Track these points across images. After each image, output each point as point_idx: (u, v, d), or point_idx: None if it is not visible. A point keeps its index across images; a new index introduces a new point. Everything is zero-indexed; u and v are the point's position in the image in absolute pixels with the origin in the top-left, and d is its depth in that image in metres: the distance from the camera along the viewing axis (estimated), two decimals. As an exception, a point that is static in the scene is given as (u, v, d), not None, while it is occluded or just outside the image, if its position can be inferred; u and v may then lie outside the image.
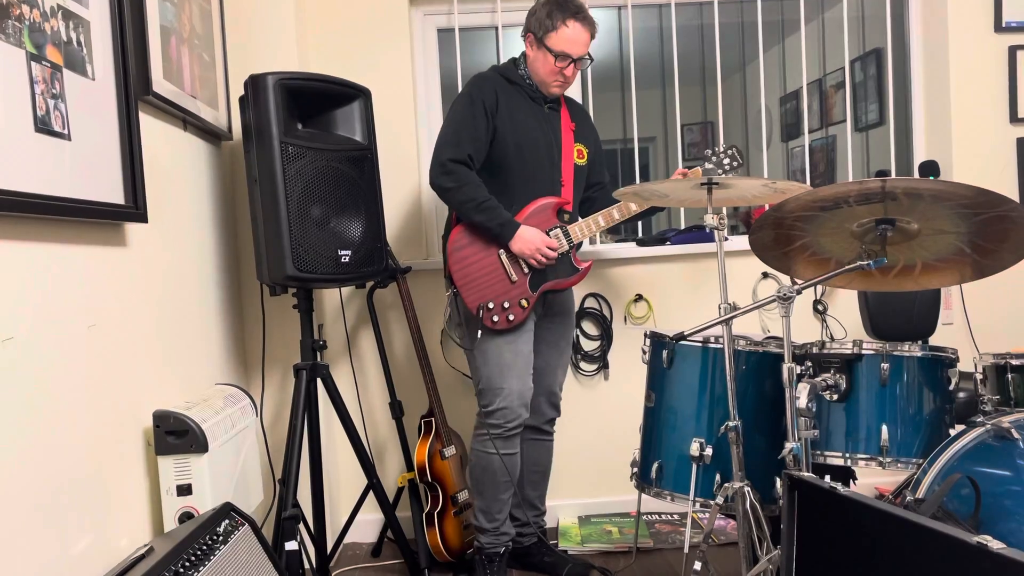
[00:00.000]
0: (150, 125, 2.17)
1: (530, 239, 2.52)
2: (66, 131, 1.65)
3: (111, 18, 1.88)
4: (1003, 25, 3.27)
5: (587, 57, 2.58)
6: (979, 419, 1.98)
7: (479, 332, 2.55)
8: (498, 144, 2.56)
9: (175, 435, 1.99)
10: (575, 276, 2.64)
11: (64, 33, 1.66)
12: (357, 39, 3.19)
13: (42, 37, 1.58)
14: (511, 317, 2.54)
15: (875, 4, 3.52)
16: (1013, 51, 3.28)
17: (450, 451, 2.93)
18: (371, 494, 2.73)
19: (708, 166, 2.69)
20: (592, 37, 2.57)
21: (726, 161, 2.71)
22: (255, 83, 2.34)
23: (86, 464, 1.72)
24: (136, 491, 1.95)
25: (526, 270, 2.56)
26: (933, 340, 3.10)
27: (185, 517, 1.99)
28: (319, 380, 2.58)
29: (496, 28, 3.34)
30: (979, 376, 2.24)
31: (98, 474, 1.77)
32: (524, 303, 2.55)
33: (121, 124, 1.89)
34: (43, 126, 1.57)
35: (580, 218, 2.66)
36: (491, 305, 2.53)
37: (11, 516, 1.45)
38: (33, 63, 1.54)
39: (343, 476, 3.21)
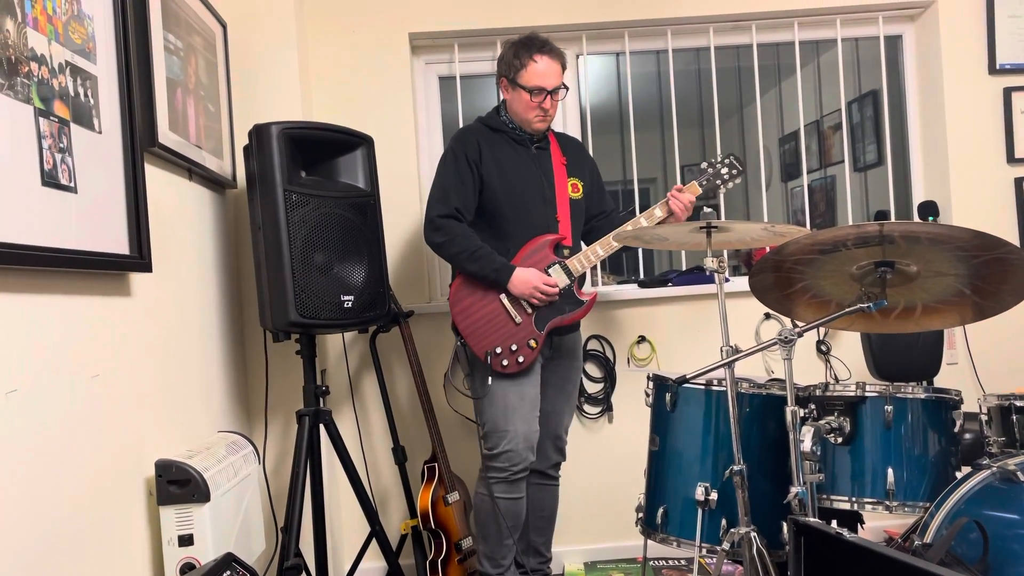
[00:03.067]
0: (156, 175, 2.20)
1: (526, 280, 2.53)
2: (72, 184, 1.67)
3: (118, 73, 1.91)
4: (997, 67, 3.31)
5: (562, 87, 2.62)
6: (985, 461, 1.97)
7: (489, 379, 2.54)
8: (488, 192, 2.60)
9: (177, 484, 1.98)
10: (580, 310, 2.64)
11: (72, 88, 1.70)
12: (360, 88, 3.24)
13: (50, 92, 1.61)
14: (520, 359, 2.54)
15: (870, 47, 3.57)
16: (1008, 93, 3.31)
17: (453, 497, 2.90)
18: (374, 542, 2.70)
19: (704, 181, 2.68)
20: (563, 68, 2.61)
21: (724, 171, 2.69)
22: (259, 133, 2.38)
23: (88, 515, 1.71)
24: (137, 542, 1.94)
25: (529, 311, 2.57)
26: (938, 380, 3.09)
27: (186, 568, 1.97)
28: (322, 426, 2.57)
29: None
30: (984, 417, 2.23)
31: (100, 525, 1.76)
32: (532, 343, 2.55)
33: (127, 176, 1.92)
34: (50, 180, 1.59)
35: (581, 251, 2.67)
36: (499, 350, 2.53)
37: (12, 567, 1.44)
38: (41, 118, 1.57)
39: (346, 523, 3.19)
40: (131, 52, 1.95)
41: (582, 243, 2.76)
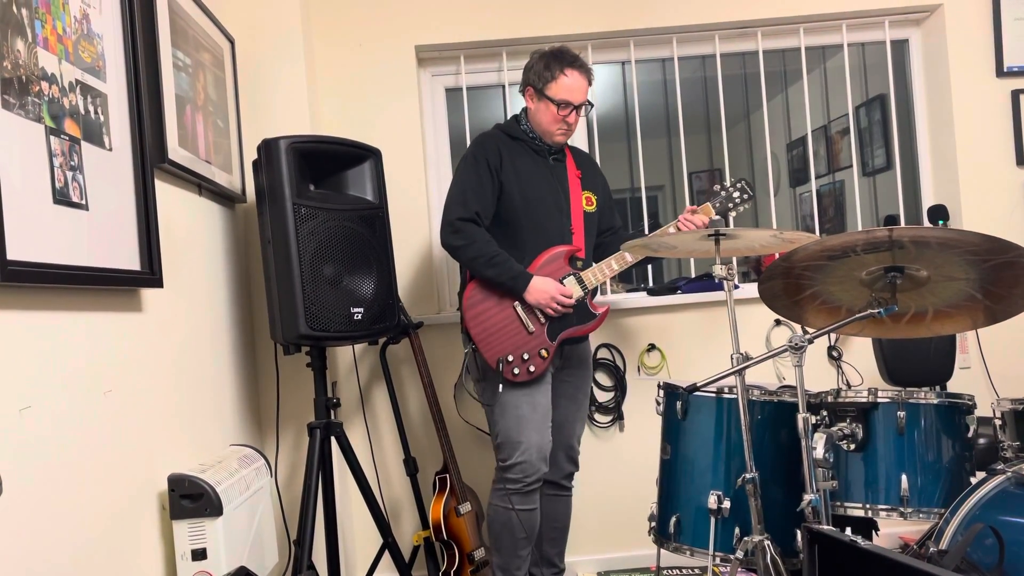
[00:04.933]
0: (166, 191, 2.21)
1: (543, 289, 2.53)
2: (84, 201, 1.69)
3: (128, 90, 1.93)
4: (1004, 70, 3.30)
5: (588, 103, 2.63)
6: (1000, 466, 1.95)
7: (500, 386, 2.54)
8: (505, 199, 2.60)
9: (190, 499, 1.99)
10: (592, 322, 2.64)
11: (82, 106, 1.71)
12: (367, 100, 3.26)
13: (60, 111, 1.62)
14: (532, 368, 2.53)
15: (876, 52, 3.57)
16: (1016, 95, 3.30)
17: (465, 508, 2.90)
18: (387, 553, 2.70)
19: (717, 204, 2.69)
20: (590, 84, 2.63)
21: (736, 195, 2.71)
22: (268, 147, 2.39)
23: (101, 529, 1.72)
24: (151, 556, 1.94)
25: (543, 320, 2.56)
26: (950, 385, 3.07)
27: (200, 582, 1.98)
28: (333, 438, 2.58)
29: (503, 87, 3.41)
30: (998, 422, 2.21)
31: (113, 539, 1.77)
32: (544, 353, 2.55)
33: (137, 192, 1.93)
34: (61, 198, 1.60)
35: (594, 264, 2.67)
36: (510, 358, 2.53)
37: (26, 586, 1.45)
38: (52, 137, 1.58)
39: (358, 535, 3.19)
40: (140, 70, 1.97)
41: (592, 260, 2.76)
